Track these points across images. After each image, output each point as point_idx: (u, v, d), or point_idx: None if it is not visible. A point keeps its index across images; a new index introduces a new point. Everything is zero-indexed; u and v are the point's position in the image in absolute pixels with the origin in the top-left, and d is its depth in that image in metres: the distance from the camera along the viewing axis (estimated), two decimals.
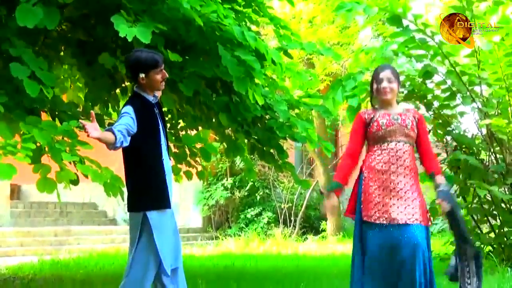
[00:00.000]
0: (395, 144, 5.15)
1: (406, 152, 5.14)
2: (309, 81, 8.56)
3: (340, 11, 8.18)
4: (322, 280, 8.08)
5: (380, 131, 5.19)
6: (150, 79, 4.94)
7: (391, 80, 5.22)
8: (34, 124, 5.83)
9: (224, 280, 7.95)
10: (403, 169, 5.11)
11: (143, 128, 4.88)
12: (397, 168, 5.10)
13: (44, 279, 8.80)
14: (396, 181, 5.08)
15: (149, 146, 4.96)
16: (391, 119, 5.19)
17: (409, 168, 5.13)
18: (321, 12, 16.49)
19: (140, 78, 4.92)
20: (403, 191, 5.07)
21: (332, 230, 18.35)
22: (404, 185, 5.08)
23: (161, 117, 5.17)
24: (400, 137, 5.17)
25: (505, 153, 9.24)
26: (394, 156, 5.13)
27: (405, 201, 5.04)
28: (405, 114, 5.27)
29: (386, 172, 5.12)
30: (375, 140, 5.23)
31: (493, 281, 7.38)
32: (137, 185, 5.00)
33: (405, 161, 5.12)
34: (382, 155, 5.17)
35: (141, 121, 4.87)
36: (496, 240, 9.34)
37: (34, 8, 5.70)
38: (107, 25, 6.13)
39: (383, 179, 5.13)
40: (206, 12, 6.36)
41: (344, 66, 17.87)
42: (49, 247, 13.90)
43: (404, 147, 5.15)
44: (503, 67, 8.63)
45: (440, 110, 9.37)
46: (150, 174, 4.95)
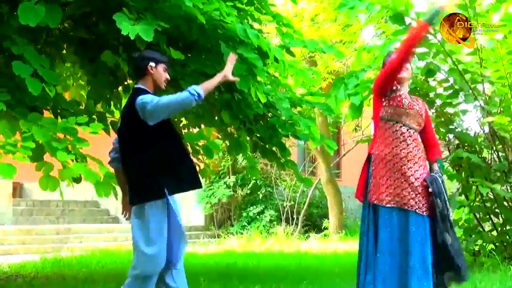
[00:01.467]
0: (406, 130, 5.08)
1: (415, 141, 5.09)
2: (311, 79, 8.57)
3: (343, 9, 8.17)
4: (324, 278, 8.08)
5: (399, 108, 5.10)
6: (158, 71, 5.01)
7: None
8: (35, 121, 5.83)
9: (226, 278, 7.95)
10: (413, 156, 5.04)
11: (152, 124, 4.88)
12: (408, 154, 5.04)
13: (47, 277, 8.80)
14: (407, 167, 5.03)
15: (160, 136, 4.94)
16: (412, 102, 5.15)
17: (418, 157, 5.07)
18: (323, 10, 16.48)
19: (150, 66, 4.99)
20: (414, 178, 5.01)
21: (335, 228, 18.34)
22: (414, 172, 5.03)
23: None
24: (413, 123, 5.12)
25: (507, 151, 9.23)
26: (404, 142, 5.06)
27: (417, 189, 5.00)
28: (419, 101, 5.25)
29: (396, 156, 5.05)
30: (388, 116, 5.13)
31: (495, 279, 7.38)
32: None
33: (414, 149, 5.06)
34: (392, 139, 5.09)
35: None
36: (499, 238, 9.33)
37: (36, 6, 5.71)
38: (109, 23, 6.13)
39: (394, 163, 5.06)
40: (208, 10, 6.36)
41: (346, 64, 17.87)
42: (51, 245, 13.90)
43: (414, 135, 5.10)
44: (505, 65, 8.62)
45: (443, 108, 9.36)
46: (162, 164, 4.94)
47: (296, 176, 9.18)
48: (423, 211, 4.98)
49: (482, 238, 9.39)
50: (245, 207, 18.32)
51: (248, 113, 7.69)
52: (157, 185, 4.88)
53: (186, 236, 5.28)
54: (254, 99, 7.08)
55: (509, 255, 8.99)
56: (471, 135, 9.58)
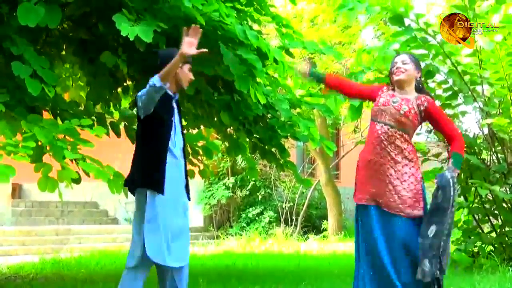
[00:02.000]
0: (380, 127, 5.08)
1: (391, 137, 5.04)
2: None
3: (342, 10, 8.17)
4: (323, 279, 8.08)
5: (376, 106, 5.18)
6: (183, 71, 5.06)
7: (405, 62, 5.18)
8: (36, 122, 5.82)
9: (225, 279, 7.96)
10: (389, 154, 5.01)
11: (158, 115, 4.95)
12: (382, 151, 5.03)
13: (46, 278, 8.80)
14: (381, 165, 5.03)
15: (156, 132, 4.99)
16: (390, 100, 5.14)
17: (396, 154, 5.02)
18: (323, 11, 16.48)
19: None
20: (387, 177, 5.01)
21: (334, 229, 18.36)
22: (388, 170, 5.01)
23: (180, 116, 5.21)
24: (390, 120, 5.07)
25: (506, 152, 9.24)
26: (377, 138, 5.07)
27: (390, 189, 5.00)
28: (409, 100, 5.13)
29: (372, 154, 5.08)
30: (371, 116, 5.23)
31: (494, 281, 7.38)
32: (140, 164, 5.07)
33: (390, 146, 5.03)
34: (370, 137, 5.16)
35: (158, 108, 4.92)
36: (498, 240, 9.33)
37: (36, 6, 5.70)
38: (109, 24, 6.13)
39: (368, 160, 5.11)
40: (208, 11, 6.36)
41: (345, 66, 17.87)
42: (51, 246, 13.90)
43: (390, 131, 5.04)
44: (505, 66, 8.63)
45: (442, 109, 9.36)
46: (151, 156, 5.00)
47: (295, 177, 9.18)
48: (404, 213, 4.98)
49: (481, 240, 9.39)
50: (244, 208, 18.33)
51: (247, 114, 7.69)
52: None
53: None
54: (253, 100, 7.08)
55: (508, 256, 8.99)
56: (470, 136, 9.58)
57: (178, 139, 5.11)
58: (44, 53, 7.02)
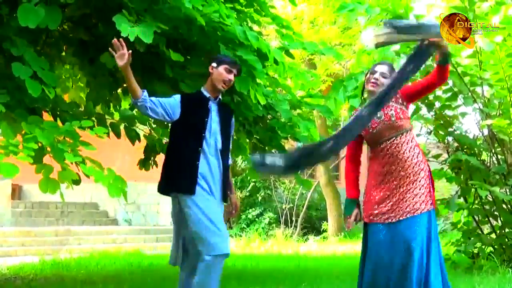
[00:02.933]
0: (385, 144, 5.02)
1: (398, 145, 5.00)
2: (310, 81, 8.56)
3: (342, 11, 8.18)
4: (323, 281, 8.08)
5: (368, 134, 5.10)
6: (218, 71, 5.25)
7: (384, 76, 5.07)
8: (36, 124, 5.82)
9: (225, 280, 7.94)
10: (401, 164, 4.96)
11: (187, 118, 5.19)
12: (394, 166, 4.97)
13: (45, 279, 8.80)
14: (394, 179, 4.97)
15: (186, 135, 5.19)
16: (375, 120, 5.04)
17: (409, 159, 4.98)
18: (323, 12, 16.50)
19: (211, 67, 5.28)
20: (400, 187, 4.96)
21: (333, 231, 18.37)
22: (400, 180, 4.96)
23: (221, 115, 5.35)
24: (390, 133, 5.03)
25: (506, 154, 9.24)
26: (387, 156, 5.00)
27: (402, 196, 4.95)
28: (388, 105, 5.05)
29: (383, 173, 5.01)
30: (370, 143, 5.16)
31: (494, 282, 7.38)
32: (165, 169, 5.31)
33: (401, 154, 4.97)
34: (378, 159, 5.06)
35: (187, 111, 5.22)
36: (497, 241, 9.33)
37: (36, 7, 5.70)
38: (109, 25, 6.13)
39: (380, 180, 5.04)
40: (208, 12, 6.36)
41: (345, 67, 17.89)
42: (50, 247, 13.90)
43: (396, 141, 5.01)
44: (505, 67, 8.63)
45: (442, 110, 9.36)
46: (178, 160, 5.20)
47: (295, 179, 9.17)
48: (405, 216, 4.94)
49: (481, 241, 9.39)
50: (244, 209, 18.34)
51: (247, 115, 7.69)
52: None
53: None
54: (253, 101, 7.08)
55: (508, 257, 8.99)
56: (470, 137, 9.59)
57: (214, 139, 5.25)
58: (44, 54, 7.01)
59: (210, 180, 5.20)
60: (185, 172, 5.13)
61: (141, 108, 5.12)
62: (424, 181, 5.00)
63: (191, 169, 5.11)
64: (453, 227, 9.55)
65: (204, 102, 5.28)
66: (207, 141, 5.20)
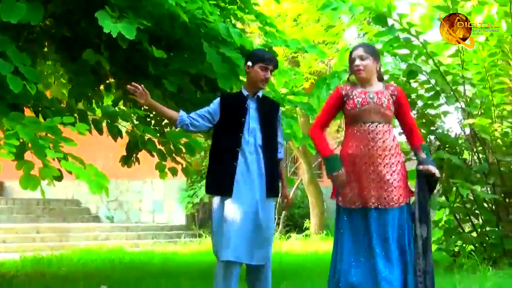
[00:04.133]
0: (368, 126, 5.06)
1: (380, 132, 5.05)
2: (293, 79, 8.57)
3: (325, 9, 8.18)
4: (305, 278, 8.08)
5: (355, 109, 5.10)
6: (254, 70, 5.26)
7: (362, 58, 5.13)
8: (18, 120, 5.78)
9: (207, 277, 7.93)
10: (380, 150, 5.02)
11: (225, 119, 5.29)
12: (372, 150, 5.02)
13: (27, 276, 8.75)
14: (371, 164, 5.02)
15: (224, 136, 5.29)
16: (367, 98, 5.10)
17: (388, 148, 5.04)
18: (306, 10, 16.49)
19: (247, 66, 5.31)
20: (377, 174, 5.01)
21: (316, 228, 18.39)
22: (378, 167, 5.02)
23: (261, 111, 5.36)
24: (376, 117, 5.07)
25: (487, 152, 9.29)
26: (367, 138, 5.04)
27: (381, 184, 5.01)
28: (382, 92, 5.15)
29: (359, 155, 5.05)
30: (351, 119, 5.15)
31: (474, 280, 7.41)
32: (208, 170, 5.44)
33: (380, 141, 5.03)
34: (355, 138, 5.09)
35: (225, 113, 5.32)
36: (478, 239, 9.38)
37: (18, 3, 5.66)
38: (92, 21, 6.10)
39: (356, 163, 5.07)
40: (191, 9, 6.35)
41: (329, 65, 17.89)
42: (32, 244, 13.84)
43: (379, 127, 5.05)
44: (487, 67, 8.68)
45: (424, 109, 9.40)
46: (217, 163, 5.31)
47: None
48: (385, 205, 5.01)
49: (462, 239, 9.43)
50: None
51: None
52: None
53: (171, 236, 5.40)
54: None
55: (488, 256, 9.03)
56: (452, 136, 9.63)
57: (253, 136, 5.27)
58: (26, 50, 6.96)
59: (248, 179, 5.23)
60: (222, 173, 5.23)
61: (183, 129, 5.37)
62: (400, 175, 5.08)
63: (228, 171, 5.20)
64: (435, 225, 9.57)
65: (242, 101, 5.34)
66: (245, 140, 5.25)
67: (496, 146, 9.15)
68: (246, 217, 5.15)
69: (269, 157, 5.33)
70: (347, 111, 5.17)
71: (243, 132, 5.24)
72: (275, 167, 5.41)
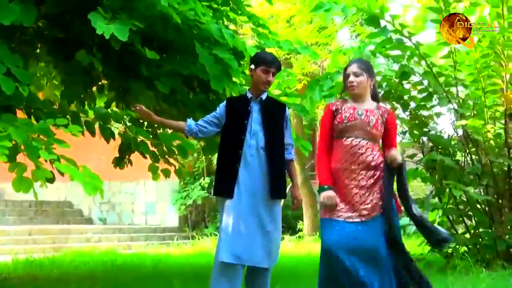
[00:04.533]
0: (351, 140, 5.05)
1: (363, 148, 5.03)
2: (286, 80, 8.57)
3: (318, 11, 8.18)
4: (298, 280, 8.08)
5: (341, 124, 5.09)
6: (257, 73, 5.33)
7: (357, 74, 5.10)
8: (10, 122, 5.76)
9: (200, 279, 7.92)
10: (361, 165, 5.01)
11: (229, 122, 5.39)
12: (352, 164, 5.01)
13: (19, 278, 8.73)
14: (352, 178, 5.02)
15: (228, 139, 5.38)
16: (354, 114, 5.09)
17: (367, 164, 5.02)
18: (299, 11, 16.50)
19: (250, 69, 5.38)
20: (357, 188, 5.01)
21: (309, 230, 18.37)
22: (359, 181, 5.01)
23: (265, 113, 5.39)
24: (360, 133, 5.06)
25: (480, 154, 9.29)
26: (348, 152, 5.03)
27: (360, 198, 5.00)
28: (373, 111, 5.13)
29: (341, 169, 5.04)
30: (337, 133, 5.13)
31: (467, 281, 7.41)
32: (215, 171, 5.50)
33: (361, 156, 5.02)
34: (338, 152, 5.08)
35: (230, 115, 5.41)
36: (471, 241, 9.38)
37: (11, 4, 5.65)
38: (84, 22, 6.09)
39: (338, 177, 5.07)
40: (184, 10, 6.34)
41: (322, 66, 17.91)
42: (24, 246, 13.78)
43: (362, 143, 5.04)
44: (479, 68, 8.69)
45: (417, 110, 9.41)
46: (221, 165, 5.41)
47: None
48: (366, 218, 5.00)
49: (455, 241, 9.42)
50: None
51: None
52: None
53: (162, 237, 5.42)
54: None
55: (481, 257, 9.03)
56: (445, 137, 9.64)
57: (255, 139, 5.30)
58: (19, 52, 6.94)
59: (249, 181, 5.27)
60: (225, 176, 5.31)
61: (193, 136, 5.52)
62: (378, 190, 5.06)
63: (230, 173, 5.26)
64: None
65: (245, 104, 5.39)
66: (247, 143, 5.29)
67: (489, 147, 9.16)
68: (247, 219, 5.19)
69: (273, 158, 5.34)
70: (334, 125, 5.15)
71: (245, 135, 5.29)
72: (280, 168, 5.42)
